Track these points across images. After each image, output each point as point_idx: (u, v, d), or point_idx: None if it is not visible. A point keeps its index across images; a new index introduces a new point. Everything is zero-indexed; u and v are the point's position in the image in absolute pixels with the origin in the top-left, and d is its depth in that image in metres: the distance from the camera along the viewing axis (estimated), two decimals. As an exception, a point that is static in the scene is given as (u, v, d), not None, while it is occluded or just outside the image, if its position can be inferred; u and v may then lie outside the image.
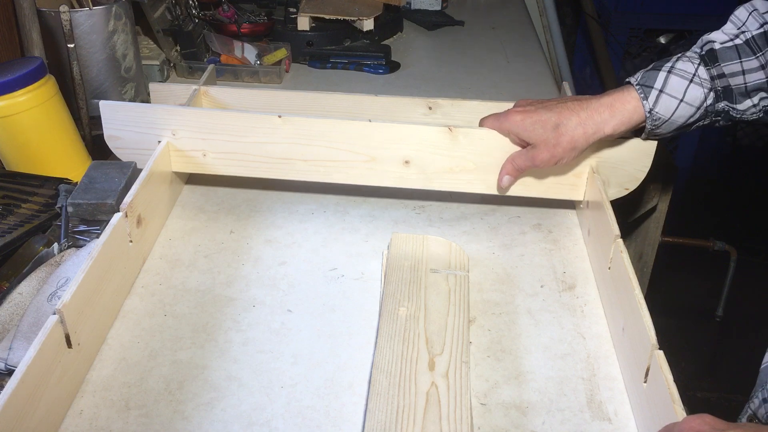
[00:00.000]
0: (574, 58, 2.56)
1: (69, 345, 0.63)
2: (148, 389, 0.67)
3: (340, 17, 1.42)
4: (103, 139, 0.90)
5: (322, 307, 0.78)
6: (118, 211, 0.75)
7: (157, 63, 1.28)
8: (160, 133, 0.88)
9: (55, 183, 0.90)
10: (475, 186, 0.89)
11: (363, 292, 0.80)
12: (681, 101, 0.78)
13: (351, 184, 0.90)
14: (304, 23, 1.41)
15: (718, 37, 0.79)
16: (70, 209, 0.82)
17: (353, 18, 1.43)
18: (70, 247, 0.82)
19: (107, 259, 0.71)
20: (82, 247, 0.81)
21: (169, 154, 0.89)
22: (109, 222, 0.73)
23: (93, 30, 1.06)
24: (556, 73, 2.20)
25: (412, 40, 1.56)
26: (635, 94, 0.79)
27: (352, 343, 0.73)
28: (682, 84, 0.78)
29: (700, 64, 0.79)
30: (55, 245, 0.82)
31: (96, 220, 0.82)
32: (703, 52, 0.79)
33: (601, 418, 0.66)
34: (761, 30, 0.77)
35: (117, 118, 0.88)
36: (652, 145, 0.86)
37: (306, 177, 0.90)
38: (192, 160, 0.90)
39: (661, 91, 0.78)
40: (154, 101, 1.03)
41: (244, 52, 1.34)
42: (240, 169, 0.90)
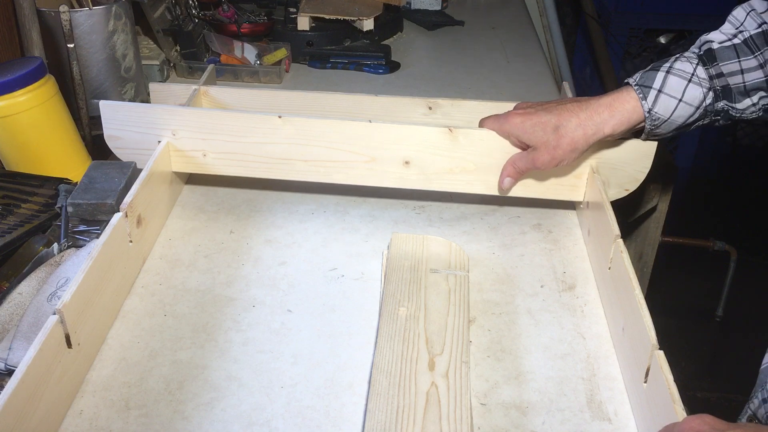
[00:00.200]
0: (574, 58, 2.56)
1: (69, 345, 0.63)
2: (148, 389, 0.67)
3: (340, 17, 1.42)
4: (103, 139, 0.90)
5: (322, 307, 0.78)
6: (118, 211, 0.75)
7: (157, 63, 1.28)
8: (160, 133, 0.88)
9: (55, 183, 0.90)
10: (475, 187, 0.89)
11: (363, 292, 0.80)
12: (680, 101, 0.78)
13: (351, 185, 0.90)
14: (304, 23, 1.41)
15: (716, 37, 0.79)
16: (70, 209, 0.82)
17: (353, 18, 1.43)
18: (70, 247, 0.82)
19: (107, 259, 0.71)
20: (82, 247, 0.81)
21: (169, 154, 0.89)
22: (109, 222, 0.73)
23: (93, 30, 1.06)
24: (556, 73, 2.20)
25: (412, 40, 1.56)
26: (634, 94, 0.79)
27: (352, 343, 0.73)
28: (680, 84, 0.78)
29: (698, 64, 0.79)
30: (55, 245, 0.82)
31: (96, 220, 0.82)
32: (702, 52, 0.79)
33: (601, 418, 0.66)
34: (759, 30, 0.77)
35: (117, 118, 0.88)
36: (652, 146, 0.86)
37: (306, 177, 0.90)
38: (192, 160, 0.90)
39: (660, 91, 0.78)
40: (154, 101, 1.03)
41: (244, 52, 1.34)
42: (240, 169, 0.90)
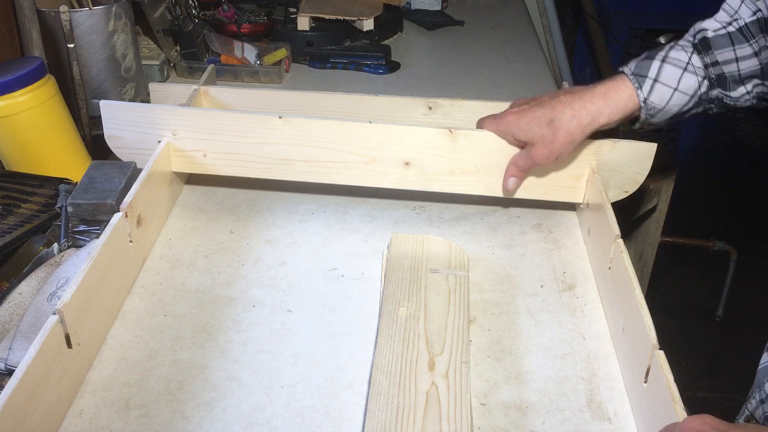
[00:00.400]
0: (574, 58, 2.56)
1: (69, 345, 0.63)
2: (148, 389, 0.67)
3: (340, 17, 1.42)
4: (103, 139, 0.90)
5: (322, 307, 0.78)
6: (118, 211, 0.75)
7: (157, 63, 1.28)
8: (161, 133, 0.88)
9: (55, 183, 0.90)
10: (475, 188, 0.89)
11: (363, 292, 0.80)
12: (675, 90, 0.78)
13: (351, 185, 0.90)
14: (304, 23, 1.41)
15: (711, 25, 0.78)
16: (70, 209, 0.82)
17: (353, 18, 1.43)
18: (70, 247, 0.82)
19: (107, 259, 0.71)
20: (82, 247, 0.81)
21: (169, 154, 0.89)
22: (109, 222, 0.73)
23: (93, 30, 1.06)
24: (556, 73, 2.20)
25: (412, 40, 1.56)
26: (629, 83, 0.79)
27: (352, 343, 0.73)
28: (676, 73, 0.78)
29: (693, 53, 0.78)
30: (55, 245, 0.82)
31: (96, 220, 0.82)
32: (696, 41, 0.78)
33: (601, 418, 0.66)
34: (754, 17, 0.76)
35: (117, 118, 0.88)
36: (652, 148, 0.86)
37: (306, 178, 0.90)
38: (192, 161, 0.90)
39: (655, 81, 0.78)
40: (154, 101, 1.03)
41: (244, 52, 1.34)
42: (240, 169, 0.90)
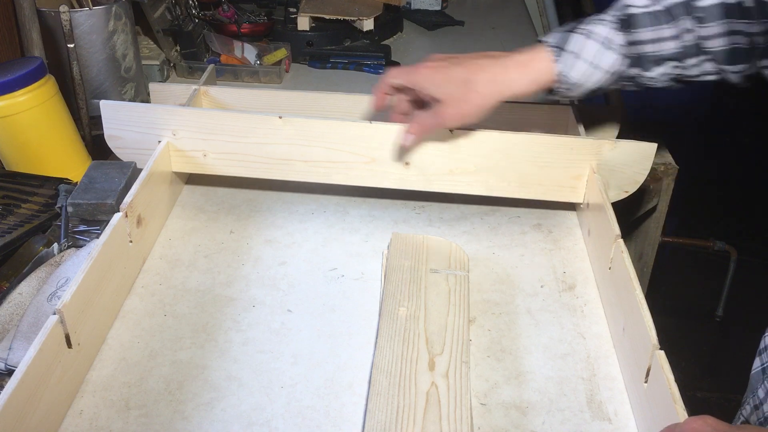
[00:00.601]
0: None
1: (69, 345, 0.63)
2: (148, 389, 0.67)
3: (340, 17, 1.42)
4: (103, 139, 0.90)
5: (322, 307, 0.78)
6: (118, 211, 0.75)
7: (157, 63, 1.28)
8: (161, 133, 0.88)
9: (55, 183, 0.90)
10: (475, 188, 0.89)
11: (363, 292, 0.80)
12: (593, 65, 0.76)
13: (351, 185, 0.90)
14: (304, 23, 1.41)
15: (638, 2, 0.77)
16: (70, 209, 0.82)
17: (353, 18, 1.43)
18: (70, 247, 0.82)
19: (107, 259, 0.71)
20: (82, 247, 0.81)
21: (169, 154, 0.89)
22: (109, 222, 0.73)
23: (93, 30, 1.06)
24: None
25: (412, 40, 1.56)
26: (547, 55, 0.77)
27: (352, 343, 0.73)
28: (596, 48, 0.76)
29: (616, 29, 0.76)
30: (55, 245, 0.82)
31: (96, 220, 0.82)
32: (621, 17, 0.77)
33: (601, 418, 0.66)
34: (683, 0, 0.74)
35: (117, 118, 0.87)
36: (652, 148, 0.86)
37: (306, 178, 0.90)
38: (192, 161, 0.90)
39: (574, 54, 0.76)
40: (154, 101, 1.03)
41: (244, 52, 1.34)
42: (240, 169, 0.90)
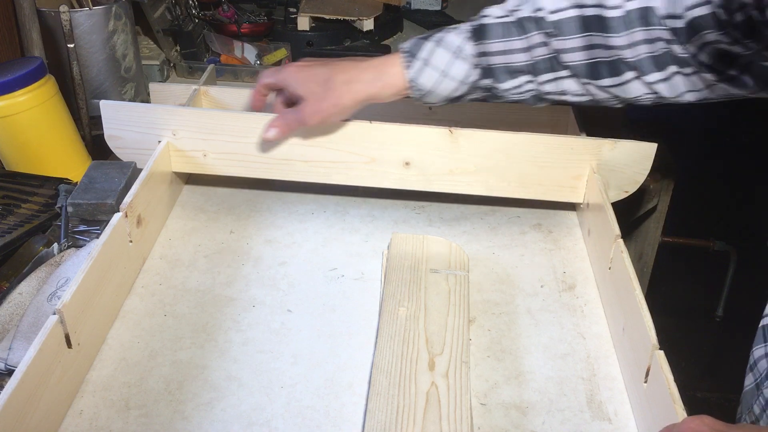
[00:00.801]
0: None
1: (69, 345, 0.63)
2: (148, 389, 0.67)
3: (340, 17, 1.42)
4: (103, 139, 0.90)
5: (322, 307, 0.78)
6: (118, 211, 0.75)
7: (157, 63, 1.28)
8: (161, 133, 0.88)
9: (55, 183, 0.90)
10: (476, 188, 0.89)
11: (363, 292, 0.80)
12: (444, 74, 0.77)
13: (351, 185, 0.90)
14: (304, 23, 1.41)
15: (494, 12, 0.77)
16: (70, 209, 0.82)
17: (353, 18, 1.43)
18: (70, 247, 0.82)
19: (107, 259, 0.71)
20: (82, 247, 0.81)
21: (169, 154, 0.89)
22: (109, 222, 0.73)
23: (93, 30, 1.06)
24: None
25: (412, 40, 1.56)
26: (400, 60, 0.78)
27: (352, 343, 0.73)
28: (447, 57, 0.76)
29: (468, 39, 0.76)
30: (55, 245, 0.82)
31: (96, 220, 0.82)
32: (474, 26, 0.77)
33: (601, 418, 0.66)
34: (534, 15, 0.74)
35: (117, 118, 0.87)
36: (652, 148, 0.86)
37: (306, 178, 0.90)
38: (192, 161, 0.90)
39: (425, 62, 0.77)
40: (154, 101, 1.03)
41: (244, 52, 1.34)
42: (240, 169, 0.90)
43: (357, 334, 0.74)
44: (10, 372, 0.65)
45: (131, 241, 0.77)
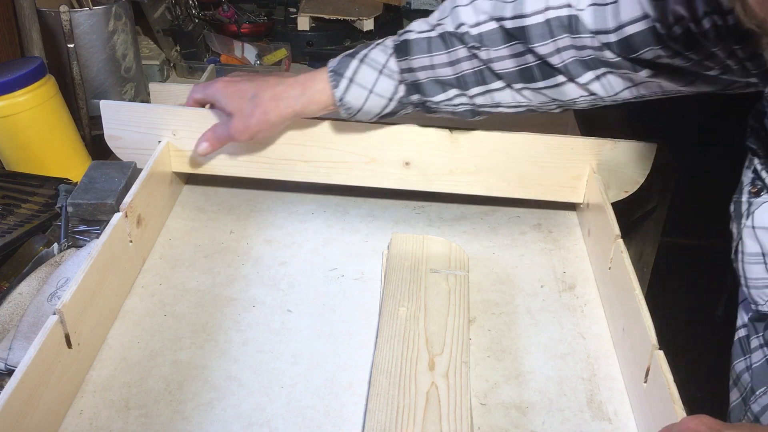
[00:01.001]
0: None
1: (69, 345, 0.63)
2: (148, 389, 0.67)
3: (340, 17, 1.43)
4: (103, 139, 0.90)
5: (322, 307, 0.78)
6: (118, 211, 0.75)
7: (157, 63, 1.28)
8: (161, 133, 0.88)
9: (55, 183, 0.90)
10: (476, 188, 0.89)
11: (363, 292, 0.80)
12: (371, 92, 0.76)
13: (351, 185, 0.90)
14: (304, 23, 1.41)
15: (418, 27, 0.76)
16: (70, 209, 0.82)
17: (353, 18, 1.43)
18: (70, 247, 0.82)
19: (107, 259, 0.71)
20: (82, 247, 0.81)
21: (169, 154, 0.89)
22: (109, 222, 0.73)
23: (93, 30, 1.06)
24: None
25: (412, 40, 1.56)
26: (326, 77, 0.77)
27: (352, 343, 0.73)
28: (372, 75, 0.76)
29: (392, 55, 0.76)
30: (55, 245, 0.82)
31: (96, 220, 0.82)
32: (398, 42, 0.76)
33: (601, 418, 0.66)
34: (456, 31, 0.74)
35: (117, 118, 0.87)
36: (652, 148, 0.86)
37: (306, 178, 0.90)
38: (192, 161, 0.89)
39: (351, 81, 0.76)
40: (154, 101, 1.03)
41: (244, 52, 1.34)
42: (240, 169, 0.90)
43: (357, 334, 0.74)
44: (10, 372, 0.65)
45: (131, 241, 0.77)
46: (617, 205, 0.85)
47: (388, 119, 0.81)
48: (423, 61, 0.75)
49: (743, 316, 0.68)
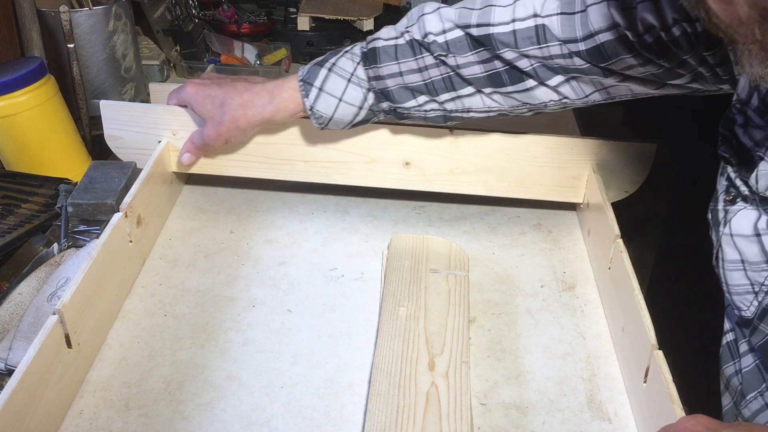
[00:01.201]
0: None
1: (69, 345, 0.63)
2: (148, 389, 0.67)
3: (340, 17, 1.42)
4: (103, 139, 0.90)
5: (322, 307, 0.78)
6: (118, 211, 0.75)
7: (157, 63, 1.27)
8: (160, 133, 0.88)
9: (55, 183, 0.90)
10: (475, 188, 0.89)
11: (363, 292, 0.80)
12: (340, 101, 0.77)
13: (351, 185, 0.90)
14: (304, 23, 1.41)
15: (385, 34, 0.77)
16: (70, 209, 0.82)
17: (353, 18, 1.43)
18: (70, 247, 0.82)
19: (107, 259, 0.71)
20: (82, 247, 0.81)
21: (169, 154, 0.89)
22: (109, 222, 0.73)
23: (93, 30, 1.06)
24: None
25: (412, 40, 1.56)
26: (296, 85, 0.78)
27: (352, 343, 0.73)
28: (340, 84, 0.77)
29: (360, 63, 0.77)
30: (55, 245, 0.82)
31: (96, 220, 0.82)
32: (366, 50, 0.77)
33: (601, 418, 0.66)
34: (424, 40, 0.74)
35: (117, 118, 0.87)
36: (652, 148, 0.86)
37: (306, 178, 0.90)
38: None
39: (320, 90, 0.77)
40: (154, 101, 1.03)
41: (244, 52, 1.34)
42: (240, 169, 0.90)
43: (357, 334, 0.74)
44: (10, 372, 0.65)
45: (131, 241, 0.77)
46: (617, 205, 0.85)
47: (359, 125, 0.81)
48: (391, 69, 0.75)
49: (729, 321, 0.68)
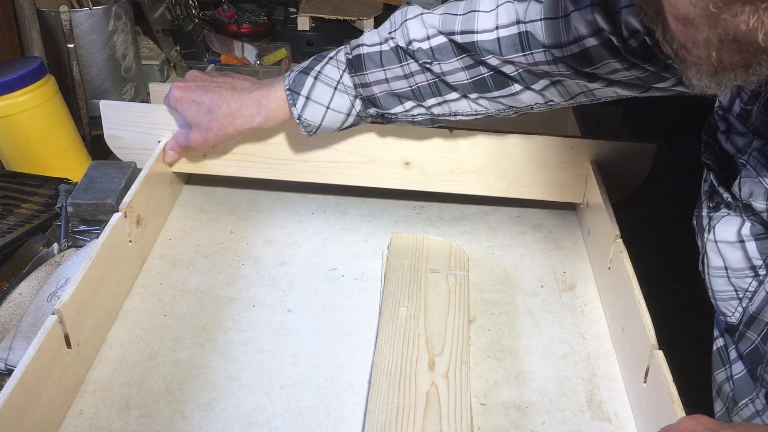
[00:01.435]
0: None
1: (68, 345, 0.63)
2: (148, 389, 0.67)
3: (340, 17, 1.42)
4: (103, 139, 0.90)
5: (322, 307, 0.78)
6: (118, 211, 0.75)
7: (157, 63, 1.27)
8: (160, 133, 0.88)
9: (55, 183, 0.90)
10: (475, 188, 0.89)
11: (363, 292, 0.80)
12: (328, 108, 0.77)
13: (351, 185, 0.90)
14: (304, 23, 1.41)
15: (369, 39, 0.77)
16: (70, 209, 0.82)
17: (353, 18, 1.43)
18: (70, 247, 0.82)
19: (107, 259, 0.71)
20: (82, 247, 0.81)
21: (169, 154, 0.89)
22: (108, 222, 0.73)
23: (93, 30, 1.06)
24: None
25: (412, 40, 1.56)
26: (283, 94, 0.78)
27: (352, 343, 0.73)
28: (327, 92, 0.77)
29: (345, 70, 0.77)
30: (55, 245, 0.82)
31: (96, 220, 0.82)
32: (350, 57, 0.77)
33: (601, 418, 0.66)
34: (408, 47, 0.74)
35: (117, 118, 0.88)
36: (652, 148, 0.86)
37: (306, 178, 0.90)
38: (192, 160, 0.90)
39: (307, 98, 0.77)
40: (154, 101, 1.03)
41: (244, 52, 1.34)
42: (240, 169, 0.90)
43: (357, 334, 0.74)
44: (10, 372, 0.65)
45: (131, 241, 0.77)
46: (617, 205, 0.85)
47: (348, 129, 0.82)
48: (377, 76, 0.76)
49: (717, 327, 0.68)
